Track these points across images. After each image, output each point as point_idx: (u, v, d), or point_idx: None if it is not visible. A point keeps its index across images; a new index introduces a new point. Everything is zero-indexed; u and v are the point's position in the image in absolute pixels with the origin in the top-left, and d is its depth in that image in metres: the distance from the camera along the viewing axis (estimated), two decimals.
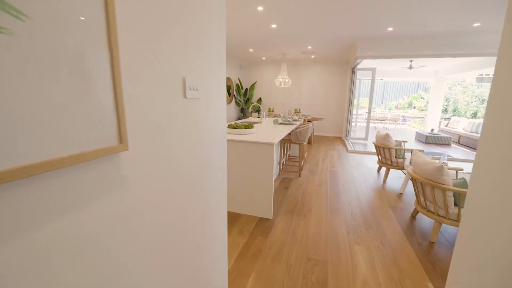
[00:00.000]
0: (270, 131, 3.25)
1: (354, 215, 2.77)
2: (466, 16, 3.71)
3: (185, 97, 0.84)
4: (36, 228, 0.43)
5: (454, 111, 12.07)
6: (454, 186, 2.20)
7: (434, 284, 1.76)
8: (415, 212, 2.78)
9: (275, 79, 7.02)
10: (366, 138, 7.35)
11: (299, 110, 7.34)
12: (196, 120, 0.93)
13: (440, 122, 9.79)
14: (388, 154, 3.84)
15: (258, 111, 7.53)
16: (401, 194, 3.44)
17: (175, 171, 0.82)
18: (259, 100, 8.94)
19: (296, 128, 4.23)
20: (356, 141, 7.42)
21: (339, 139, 7.95)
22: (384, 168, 4.51)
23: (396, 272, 1.88)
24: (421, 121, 12.49)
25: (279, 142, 4.07)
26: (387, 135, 3.81)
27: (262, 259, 1.98)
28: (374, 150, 6.12)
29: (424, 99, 14.30)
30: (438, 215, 2.27)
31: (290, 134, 4.04)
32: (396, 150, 3.80)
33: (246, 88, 9.02)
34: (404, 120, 13.09)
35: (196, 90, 0.90)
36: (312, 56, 7.36)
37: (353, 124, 7.81)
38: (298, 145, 3.93)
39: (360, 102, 11.57)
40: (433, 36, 4.73)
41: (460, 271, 0.99)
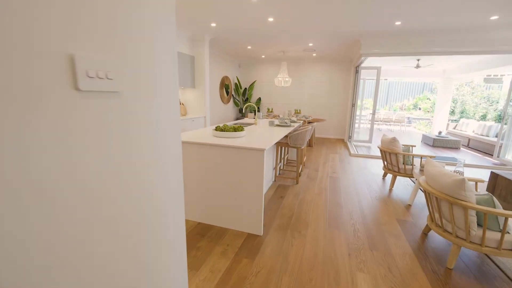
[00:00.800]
0: (263, 134, 2.92)
1: (357, 232, 2.42)
2: (483, 8, 3.34)
3: (77, 89, 0.51)
4: None
5: (462, 113, 11.62)
6: (477, 204, 1.85)
7: None
8: (427, 229, 2.43)
9: (275, 78, 6.70)
10: (370, 141, 6.98)
11: (300, 110, 6.99)
12: (112, 131, 0.60)
13: (447, 125, 9.37)
14: (395, 160, 3.48)
15: (253, 111, 7.19)
16: (409, 205, 3.08)
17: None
18: (258, 100, 8.61)
19: (294, 131, 3.89)
20: (359, 143, 7.05)
21: (342, 141, 7.58)
22: (390, 175, 4.15)
23: None
24: (427, 123, 12.06)
25: (275, 145, 3.73)
26: (394, 139, 3.46)
27: None
28: (378, 153, 5.75)
29: (430, 100, 13.86)
30: (457, 236, 1.92)
31: (287, 137, 3.70)
32: (403, 156, 3.44)
33: (245, 88, 8.69)
34: (409, 122, 12.66)
35: (108, 78, 0.57)
36: (314, 54, 7.01)
37: (356, 125, 7.44)
38: (296, 149, 3.61)
39: (364, 103, 11.19)
40: (445, 31, 4.36)
41: None
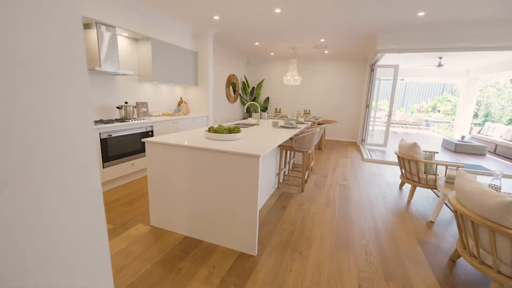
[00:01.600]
0: (264, 137, 2.58)
1: (370, 255, 2.04)
2: None
3: None
4: None
5: (486, 116, 10.80)
6: None
7: None
8: (456, 255, 2.02)
9: (283, 76, 6.35)
10: (384, 145, 6.49)
11: (309, 111, 6.60)
12: None
13: (471, 129, 8.67)
14: (415, 169, 3.05)
15: (257, 110, 6.85)
16: (432, 222, 2.66)
17: None
18: (267, 99, 8.26)
19: (301, 133, 3.53)
20: (373, 147, 6.57)
21: (354, 144, 7.11)
22: (408, 185, 3.71)
23: None
24: (447, 126, 11.32)
25: (279, 149, 3.38)
26: (414, 145, 3.03)
27: None
28: (394, 159, 5.28)
29: (451, 102, 13.04)
30: (499, 272, 1.51)
31: (292, 139, 3.35)
32: (425, 164, 3.02)
33: (253, 87, 8.37)
34: (427, 125, 11.94)
35: None
36: (326, 52, 6.59)
37: (370, 128, 6.96)
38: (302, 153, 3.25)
39: (379, 104, 10.61)
40: (475, 23, 3.86)
41: None
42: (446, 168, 2.86)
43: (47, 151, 0.45)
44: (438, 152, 3.45)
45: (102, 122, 3.14)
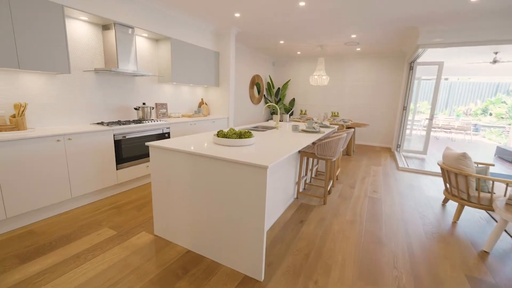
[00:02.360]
0: (279, 143, 2.30)
1: None
2: None
3: None
4: None
5: None
6: None
7: None
8: None
9: (310, 76, 5.95)
10: (424, 152, 5.76)
11: (337, 113, 6.14)
12: None
13: None
14: (464, 185, 2.53)
15: (274, 112, 6.50)
16: (486, 252, 2.15)
17: None
18: (292, 100, 7.91)
19: (325, 138, 3.18)
20: (410, 154, 5.89)
21: (388, 150, 6.46)
22: (453, 202, 3.13)
23: None
24: (501, 132, 9.91)
25: (299, 155, 3.07)
26: (463, 156, 2.51)
27: None
28: (435, 168, 4.62)
29: (506, 103, 11.42)
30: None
31: (315, 144, 3.03)
32: (478, 179, 2.49)
33: (278, 87, 8.08)
34: (476, 130, 10.57)
35: None
36: (358, 49, 6.07)
37: (407, 132, 6.26)
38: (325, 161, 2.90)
39: (417, 106, 9.63)
40: None
41: None
42: (507, 186, 2.31)
43: None
44: (494, 165, 2.86)
45: (120, 123, 3.12)
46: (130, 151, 3.13)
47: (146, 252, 1.96)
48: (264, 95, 7.84)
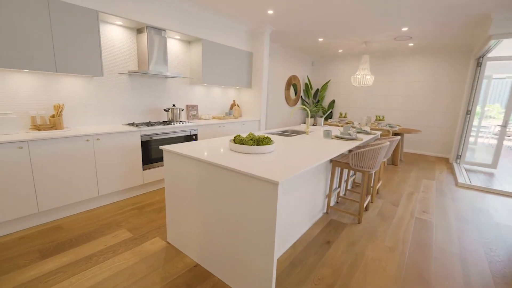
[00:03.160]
0: (305, 151, 2.02)
1: None
2: None
3: None
4: None
5: None
6: None
7: None
8: None
9: (351, 76, 5.39)
10: (494, 165, 4.77)
11: (383, 117, 5.48)
12: None
13: None
14: None
15: (307, 115, 6.04)
16: None
17: None
18: (332, 102, 7.37)
19: (365, 146, 2.77)
20: (474, 167, 4.94)
21: (445, 161, 5.54)
22: None
23: None
24: None
25: (330, 164, 2.72)
26: None
27: None
28: (508, 187, 3.74)
29: None
30: None
31: (350, 153, 2.65)
32: None
33: (317, 89, 7.62)
34: None
35: None
36: (410, 44, 5.33)
37: (471, 140, 5.27)
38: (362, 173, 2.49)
39: (485, 110, 8.15)
40: None
41: None
42: None
43: None
44: None
45: (149, 124, 3.17)
46: (157, 152, 3.15)
47: (155, 260, 1.87)
48: (301, 97, 7.47)
